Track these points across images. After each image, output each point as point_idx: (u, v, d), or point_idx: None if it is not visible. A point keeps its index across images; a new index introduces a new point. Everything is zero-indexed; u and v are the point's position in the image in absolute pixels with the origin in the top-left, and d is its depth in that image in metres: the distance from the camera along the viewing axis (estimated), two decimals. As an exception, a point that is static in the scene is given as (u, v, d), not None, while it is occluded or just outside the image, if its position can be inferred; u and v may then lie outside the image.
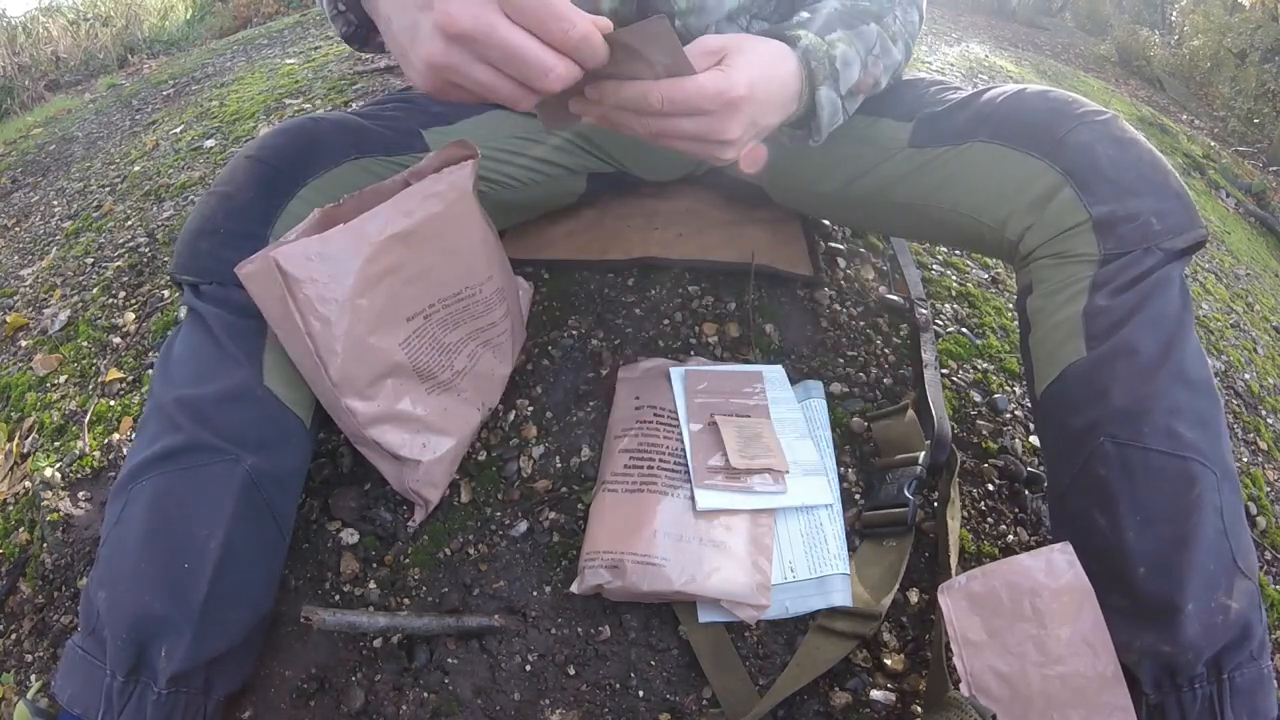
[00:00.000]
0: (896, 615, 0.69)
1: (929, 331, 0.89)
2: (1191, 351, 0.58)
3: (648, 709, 0.65)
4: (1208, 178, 2.50)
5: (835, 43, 0.63)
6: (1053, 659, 0.56)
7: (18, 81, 3.88)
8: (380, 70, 1.84)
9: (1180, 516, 0.54)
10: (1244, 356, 1.25)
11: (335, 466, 0.80)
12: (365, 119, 0.74)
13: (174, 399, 0.60)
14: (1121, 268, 0.59)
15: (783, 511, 0.69)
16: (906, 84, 0.77)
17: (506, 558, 0.73)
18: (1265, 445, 1.06)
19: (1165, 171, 0.61)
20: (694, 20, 0.72)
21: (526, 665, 0.67)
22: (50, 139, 2.31)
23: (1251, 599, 0.54)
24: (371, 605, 0.71)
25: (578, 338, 0.90)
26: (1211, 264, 1.62)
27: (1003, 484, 0.81)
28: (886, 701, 0.64)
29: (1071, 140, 0.62)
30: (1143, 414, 0.56)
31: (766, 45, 0.59)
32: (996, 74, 2.42)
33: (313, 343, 0.60)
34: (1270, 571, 0.88)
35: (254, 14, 4.46)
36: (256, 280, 0.59)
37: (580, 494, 0.77)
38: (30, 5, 4.90)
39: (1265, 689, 0.54)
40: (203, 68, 2.54)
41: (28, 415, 1.02)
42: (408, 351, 0.66)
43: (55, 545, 0.83)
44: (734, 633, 0.67)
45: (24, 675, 0.75)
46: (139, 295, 1.18)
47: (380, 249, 0.61)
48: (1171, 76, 4.08)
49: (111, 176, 1.71)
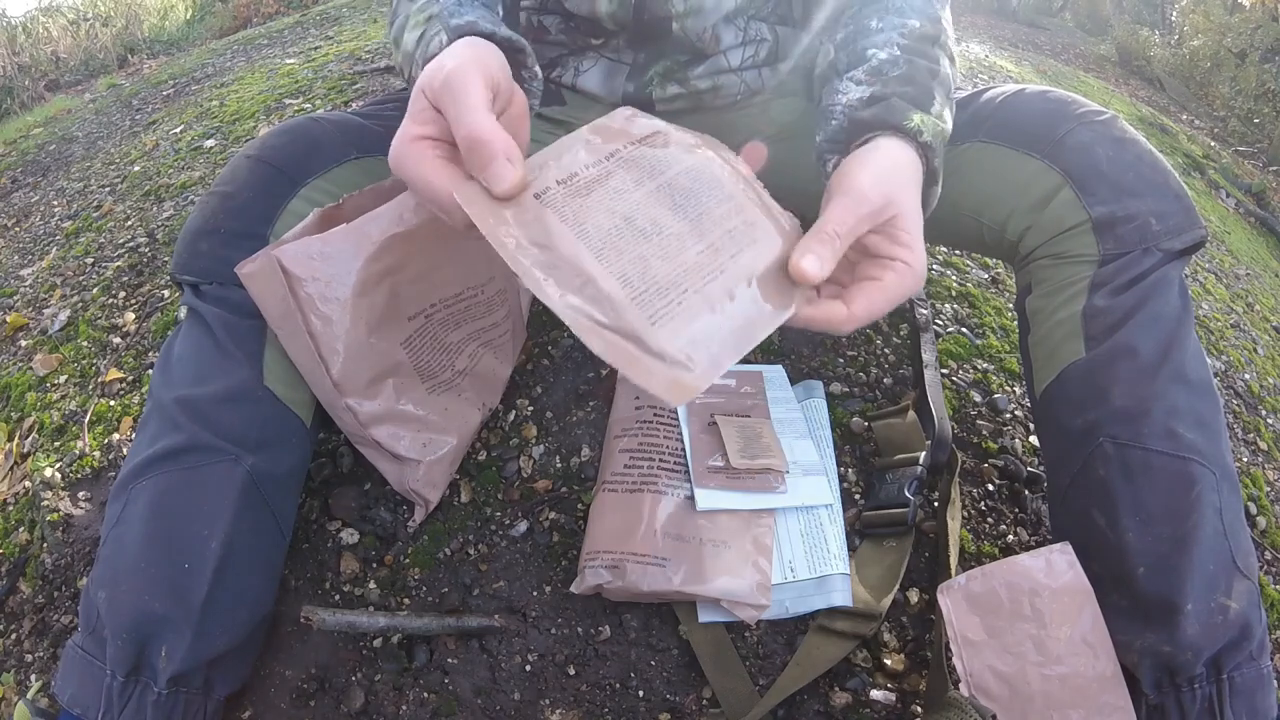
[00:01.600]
0: (896, 615, 0.69)
1: (929, 331, 0.89)
2: (1191, 352, 0.58)
3: (648, 709, 0.65)
4: (1208, 178, 2.50)
5: (943, 116, 0.58)
6: (1052, 659, 0.56)
7: (18, 81, 3.88)
8: (380, 70, 1.84)
9: (1180, 517, 0.54)
10: (1244, 356, 1.25)
11: (335, 466, 0.80)
12: (365, 119, 0.74)
13: (174, 399, 0.60)
14: (1121, 268, 0.59)
15: (783, 511, 0.69)
16: None
17: (506, 558, 0.73)
18: (1265, 445, 1.06)
19: (1165, 172, 0.61)
20: (691, 22, 0.72)
21: (526, 665, 0.67)
22: (50, 139, 2.31)
23: (1251, 599, 0.55)
24: (371, 605, 0.71)
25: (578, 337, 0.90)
26: (1211, 264, 1.62)
27: (1003, 484, 0.81)
28: (886, 701, 0.64)
29: (1071, 140, 0.62)
30: (1142, 414, 0.56)
31: (901, 170, 0.53)
32: (996, 74, 2.42)
33: (314, 342, 0.60)
34: (1270, 571, 0.88)
35: (254, 14, 4.46)
36: (258, 280, 0.59)
37: (580, 494, 0.77)
38: (30, 5, 4.90)
39: (1265, 689, 0.54)
40: (203, 68, 2.54)
41: (28, 415, 1.02)
42: (409, 351, 0.66)
43: (55, 545, 0.83)
44: (734, 633, 0.67)
45: (24, 675, 0.75)
46: (139, 295, 1.19)
47: (382, 248, 0.61)
48: (1171, 76, 4.08)
49: (111, 176, 1.71)
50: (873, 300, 0.49)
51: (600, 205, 0.45)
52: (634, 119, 0.53)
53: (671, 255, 0.44)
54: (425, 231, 0.64)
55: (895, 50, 0.60)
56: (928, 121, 0.55)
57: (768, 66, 0.77)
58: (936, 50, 0.61)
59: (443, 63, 0.47)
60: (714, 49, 0.75)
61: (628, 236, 0.44)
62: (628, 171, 0.48)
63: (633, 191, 0.47)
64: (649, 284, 0.43)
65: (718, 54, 0.75)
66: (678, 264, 0.44)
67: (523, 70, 0.59)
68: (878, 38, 0.61)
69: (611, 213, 0.45)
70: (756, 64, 0.76)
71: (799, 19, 0.76)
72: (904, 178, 0.52)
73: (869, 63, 0.59)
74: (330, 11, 2.97)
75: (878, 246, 0.51)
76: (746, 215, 0.48)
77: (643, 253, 0.44)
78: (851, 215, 0.49)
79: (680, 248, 0.45)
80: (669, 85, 0.76)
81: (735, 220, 0.48)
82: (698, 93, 0.76)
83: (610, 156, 0.49)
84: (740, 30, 0.75)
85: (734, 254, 0.46)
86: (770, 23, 0.75)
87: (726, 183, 0.49)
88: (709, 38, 0.73)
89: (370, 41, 2.17)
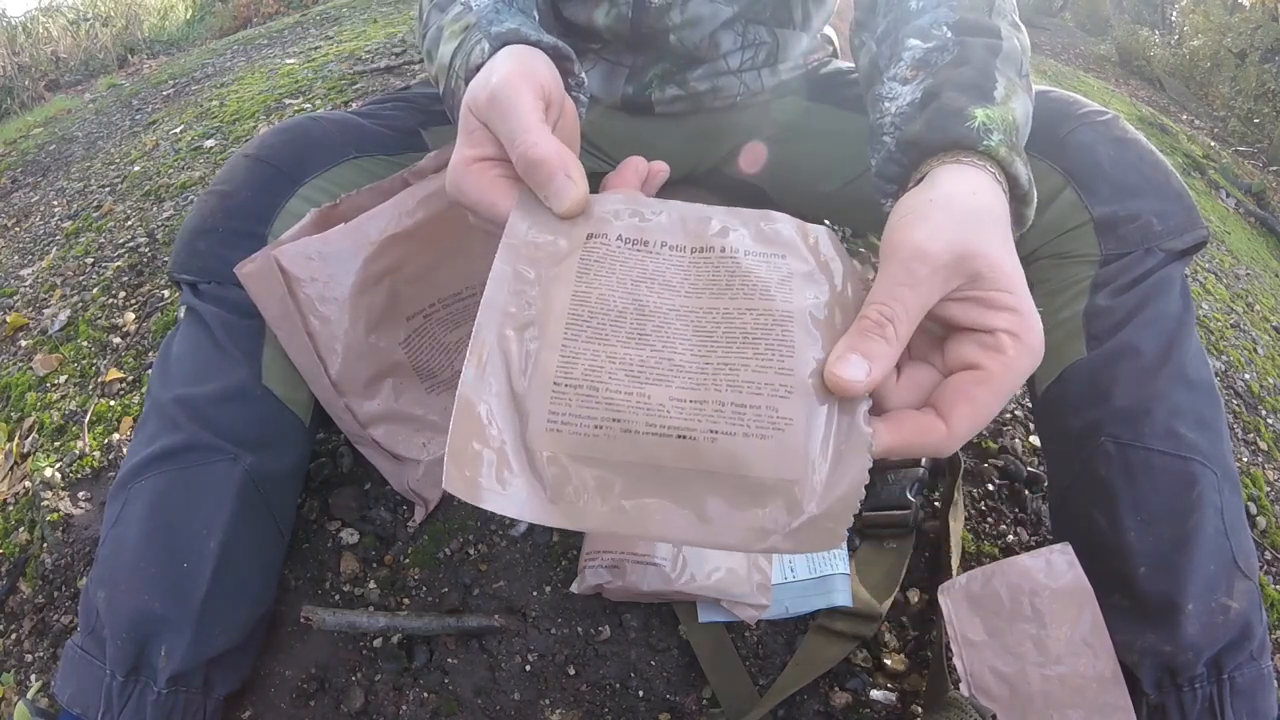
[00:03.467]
0: (896, 615, 0.69)
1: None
2: (1192, 352, 0.58)
3: (648, 709, 0.65)
4: (1208, 178, 2.50)
5: (1010, 102, 0.44)
6: (1052, 659, 0.56)
7: (18, 81, 3.88)
8: (380, 70, 1.84)
9: (1180, 517, 0.54)
10: (1244, 356, 1.25)
11: (335, 466, 0.80)
12: (365, 118, 0.74)
13: (173, 398, 0.60)
14: (1122, 268, 0.59)
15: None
16: None
17: (506, 558, 0.73)
18: (1265, 445, 1.06)
19: (1166, 172, 0.61)
20: (688, 33, 0.72)
21: (526, 665, 0.67)
22: (50, 139, 2.31)
23: (1252, 599, 0.54)
24: (371, 605, 0.71)
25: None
26: (1211, 264, 1.62)
27: (1003, 484, 0.81)
28: (886, 701, 0.64)
29: (1072, 141, 0.62)
30: (1143, 414, 0.56)
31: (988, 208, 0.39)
32: (996, 74, 2.42)
33: (313, 342, 0.60)
34: (1270, 571, 0.88)
35: (254, 14, 4.46)
36: (256, 280, 0.59)
37: (580, 494, 0.77)
38: (30, 5, 4.90)
39: (1265, 689, 0.54)
40: (203, 68, 2.54)
41: (28, 415, 1.02)
42: (408, 351, 0.66)
43: (55, 545, 0.83)
44: (734, 633, 0.67)
45: (24, 675, 0.75)
46: (139, 295, 1.18)
47: (381, 248, 0.61)
48: (1171, 76, 4.08)
49: (111, 176, 1.71)
50: (976, 405, 0.35)
51: (624, 283, 0.39)
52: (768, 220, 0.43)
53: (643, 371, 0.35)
54: (424, 231, 0.64)
55: (944, 31, 0.48)
56: (994, 116, 0.42)
57: (767, 68, 0.77)
58: (995, 20, 0.49)
59: (489, 77, 0.43)
60: (713, 55, 0.75)
61: (622, 329, 0.37)
62: (661, 266, 0.40)
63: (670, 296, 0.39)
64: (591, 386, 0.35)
65: (717, 59, 0.75)
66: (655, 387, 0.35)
67: (569, 78, 0.52)
68: (922, 20, 0.50)
69: (630, 297, 0.38)
70: (756, 66, 0.76)
71: (799, 21, 0.76)
72: (982, 215, 0.38)
73: (913, 53, 0.48)
74: (330, 11, 2.97)
75: (967, 317, 0.37)
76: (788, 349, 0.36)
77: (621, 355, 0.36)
78: (907, 289, 0.35)
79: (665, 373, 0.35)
80: (668, 87, 0.76)
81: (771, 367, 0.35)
82: (697, 94, 0.76)
83: (693, 250, 0.41)
84: (739, 35, 0.74)
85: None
86: (770, 25, 0.75)
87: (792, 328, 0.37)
88: (707, 45, 0.73)
89: (370, 41, 2.17)
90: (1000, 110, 0.43)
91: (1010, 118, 0.43)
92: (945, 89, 0.45)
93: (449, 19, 0.55)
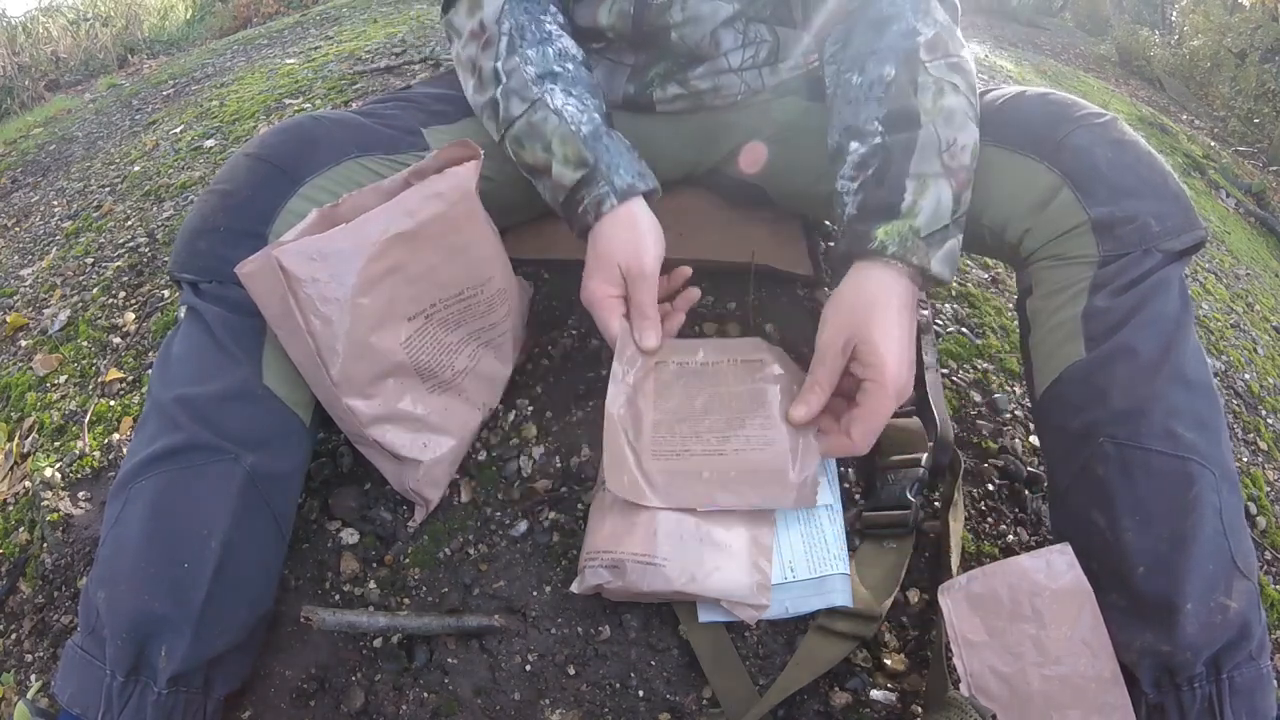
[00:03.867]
0: (896, 615, 0.69)
1: (929, 333, 0.89)
2: (1191, 352, 0.58)
3: (648, 709, 0.65)
4: (1208, 178, 2.50)
5: (915, 207, 0.60)
6: (1052, 659, 0.56)
7: (18, 81, 3.88)
8: (380, 70, 1.84)
9: (1179, 516, 0.54)
10: (1244, 356, 1.26)
11: (335, 466, 0.80)
12: (366, 117, 0.74)
13: (173, 398, 0.60)
14: (1120, 269, 0.59)
15: (783, 511, 0.69)
16: None
17: (506, 558, 0.73)
18: (1265, 445, 1.06)
19: (1164, 173, 0.62)
20: (689, 30, 0.72)
21: (526, 665, 0.67)
22: (50, 139, 2.31)
23: (1250, 599, 0.55)
24: (371, 605, 0.71)
25: (578, 337, 0.90)
26: (1211, 264, 1.62)
27: (1003, 484, 0.81)
28: (886, 701, 0.64)
29: (1070, 143, 0.62)
30: (1142, 415, 0.56)
31: (873, 299, 0.60)
32: (997, 74, 2.42)
33: (314, 342, 0.60)
34: (1270, 571, 0.88)
35: (254, 14, 4.46)
36: (257, 279, 0.59)
37: (580, 494, 0.77)
38: (30, 5, 4.90)
39: (1264, 689, 0.54)
40: (203, 68, 2.54)
41: (28, 415, 1.02)
42: (409, 351, 0.66)
43: (55, 545, 0.83)
44: (734, 633, 0.67)
45: (24, 675, 0.75)
46: (139, 295, 1.19)
47: (382, 249, 0.61)
48: (1171, 76, 4.08)
49: (111, 176, 1.71)
50: (862, 424, 0.60)
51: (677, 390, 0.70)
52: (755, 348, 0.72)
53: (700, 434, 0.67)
54: (425, 231, 0.64)
55: (876, 127, 0.63)
56: (893, 230, 0.59)
57: (768, 66, 0.77)
58: (918, 99, 0.62)
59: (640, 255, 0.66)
60: (714, 53, 0.75)
61: (681, 414, 0.69)
62: (702, 381, 0.70)
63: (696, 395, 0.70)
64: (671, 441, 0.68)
65: (718, 57, 0.75)
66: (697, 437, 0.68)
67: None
68: (861, 113, 0.65)
69: (684, 389, 0.70)
70: (757, 64, 0.77)
71: (799, 20, 0.76)
72: (865, 310, 0.60)
73: (853, 157, 0.65)
74: (330, 11, 2.97)
75: (856, 371, 0.61)
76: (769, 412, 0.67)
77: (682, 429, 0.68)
78: (823, 367, 0.62)
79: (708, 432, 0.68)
80: (669, 86, 0.76)
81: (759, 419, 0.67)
82: (698, 93, 0.76)
83: (712, 364, 0.71)
84: (739, 33, 0.75)
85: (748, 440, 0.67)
86: (770, 24, 0.75)
87: (769, 400, 0.67)
88: (708, 43, 0.73)
89: (370, 41, 2.17)
90: (900, 223, 0.60)
91: (911, 225, 0.59)
92: (864, 211, 0.62)
93: (539, 118, 0.68)
